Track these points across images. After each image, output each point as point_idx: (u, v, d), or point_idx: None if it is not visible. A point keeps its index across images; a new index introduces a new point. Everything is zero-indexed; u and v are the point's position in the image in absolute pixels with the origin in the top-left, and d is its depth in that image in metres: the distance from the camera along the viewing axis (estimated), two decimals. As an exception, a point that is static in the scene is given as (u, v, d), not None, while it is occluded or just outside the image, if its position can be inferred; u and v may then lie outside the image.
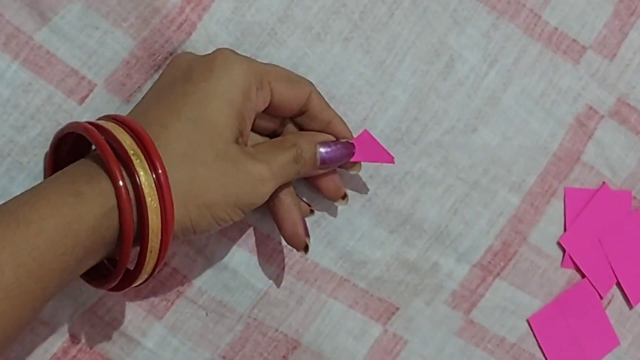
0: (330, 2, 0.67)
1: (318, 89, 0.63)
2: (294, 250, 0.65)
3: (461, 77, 0.70)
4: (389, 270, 0.70)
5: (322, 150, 0.61)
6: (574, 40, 0.71)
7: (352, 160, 0.63)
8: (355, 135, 0.65)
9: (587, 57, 0.72)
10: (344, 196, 0.64)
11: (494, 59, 0.70)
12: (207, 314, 0.68)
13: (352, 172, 0.65)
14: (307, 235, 0.62)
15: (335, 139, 0.62)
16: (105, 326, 0.66)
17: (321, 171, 0.62)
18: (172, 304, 0.67)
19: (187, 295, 0.67)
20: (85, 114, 0.62)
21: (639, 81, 0.72)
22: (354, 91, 0.67)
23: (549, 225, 0.72)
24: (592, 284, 0.72)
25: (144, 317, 0.67)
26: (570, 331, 0.72)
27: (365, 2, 0.68)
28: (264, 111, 0.60)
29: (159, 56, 0.64)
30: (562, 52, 0.71)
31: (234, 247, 0.68)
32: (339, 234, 0.69)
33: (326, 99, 0.63)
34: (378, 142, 0.64)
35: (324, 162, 0.61)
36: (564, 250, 0.72)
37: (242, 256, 0.68)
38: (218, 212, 0.54)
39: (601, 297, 0.72)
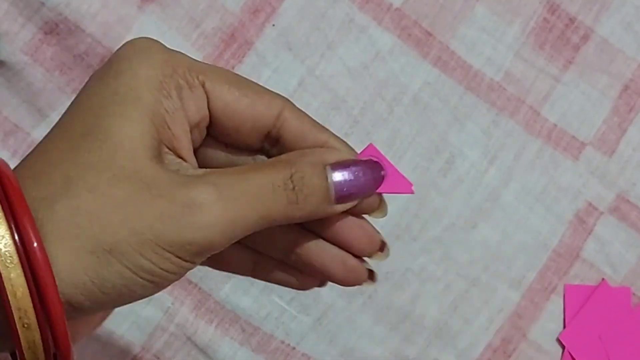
0: (329, 97, 0.69)
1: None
2: (299, 349, 0.65)
3: (461, 174, 0.70)
4: (389, 367, 0.70)
5: (337, 175, 0.40)
6: (574, 137, 0.72)
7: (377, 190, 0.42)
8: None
9: (586, 154, 0.72)
10: (383, 246, 0.43)
11: (494, 155, 0.71)
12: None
13: (377, 217, 0.43)
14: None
15: (352, 155, 0.42)
16: None
17: (338, 210, 0.40)
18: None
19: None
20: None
21: (639, 178, 0.72)
22: None
23: (549, 322, 0.71)
24: (592, 382, 0.71)
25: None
26: None
27: (365, 99, 0.70)
28: (209, 134, 0.42)
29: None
30: (562, 148, 0.72)
31: (236, 346, 0.67)
32: (340, 332, 0.68)
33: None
34: (390, 163, 0.43)
35: (342, 194, 0.40)
36: (563, 347, 0.71)
37: (244, 356, 0.67)
38: (128, 257, 0.36)
39: (601, 396, 0.71)
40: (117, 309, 0.63)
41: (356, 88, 0.70)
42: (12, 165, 0.37)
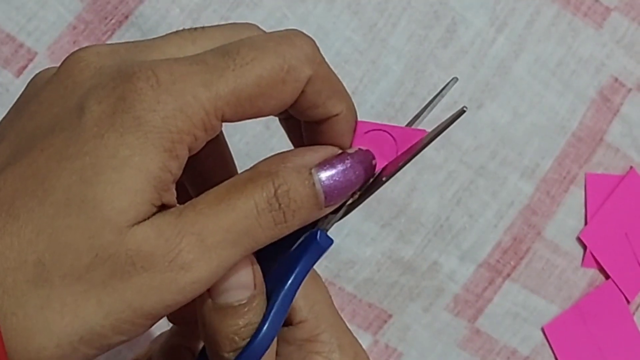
0: (313, -44, 0.69)
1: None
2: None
3: (465, 44, 0.68)
4: (381, 271, 0.66)
5: (324, 177, 0.38)
6: (597, 1, 0.69)
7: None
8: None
9: (611, 20, 0.69)
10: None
11: (503, 22, 0.68)
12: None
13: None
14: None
15: (336, 150, 0.40)
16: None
17: (327, 212, 0.40)
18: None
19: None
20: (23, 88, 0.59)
21: (672, 48, 0.71)
22: (340, 59, 0.65)
23: (568, 218, 0.69)
24: (617, 286, 0.69)
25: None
26: (593, 341, 0.69)
27: (353, -44, 0.69)
28: None
29: (111, 20, 0.62)
30: (582, 14, 0.69)
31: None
32: (323, 229, 0.64)
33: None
34: (385, 125, 0.41)
35: (333, 197, 0.38)
36: (584, 247, 0.69)
37: None
38: (98, 340, 0.36)
39: (628, 301, 0.69)
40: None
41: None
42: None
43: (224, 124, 0.38)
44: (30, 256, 0.34)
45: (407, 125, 0.42)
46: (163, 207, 0.36)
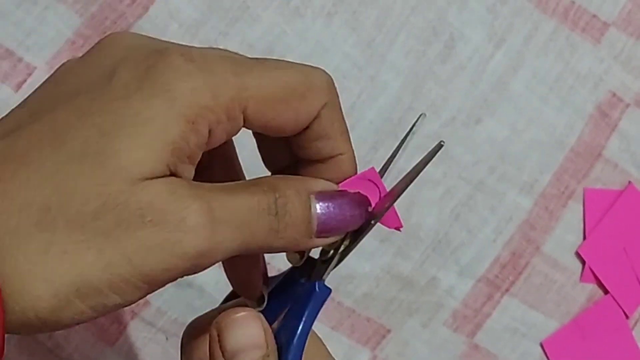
0: (311, -30, 0.69)
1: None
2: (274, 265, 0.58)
3: (463, 60, 0.68)
4: (379, 286, 0.66)
5: (321, 206, 0.39)
6: (594, 16, 0.69)
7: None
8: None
9: (609, 36, 0.69)
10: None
11: (501, 38, 0.68)
12: (167, 339, 0.64)
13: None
14: (266, 283, 0.46)
15: (336, 187, 0.41)
16: (47, 354, 0.63)
17: (317, 244, 0.40)
18: (125, 327, 0.64)
19: (144, 316, 0.64)
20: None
21: (670, 63, 0.70)
22: (338, 75, 0.63)
23: (566, 233, 0.68)
24: (616, 301, 0.68)
25: (93, 344, 0.63)
26: (591, 356, 0.68)
27: (351, -29, 0.69)
28: None
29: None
30: (580, 29, 0.69)
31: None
32: (322, 244, 0.64)
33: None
34: (386, 189, 0.43)
35: (324, 227, 0.39)
36: (583, 262, 0.68)
37: (209, 272, 0.61)
38: (95, 296, 0.35)
39: (627, 317, 0.68)
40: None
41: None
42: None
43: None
44: (37, 199, 0.34)
45: (385, 163, 0.43)
46: (177, 176, 0.37)
